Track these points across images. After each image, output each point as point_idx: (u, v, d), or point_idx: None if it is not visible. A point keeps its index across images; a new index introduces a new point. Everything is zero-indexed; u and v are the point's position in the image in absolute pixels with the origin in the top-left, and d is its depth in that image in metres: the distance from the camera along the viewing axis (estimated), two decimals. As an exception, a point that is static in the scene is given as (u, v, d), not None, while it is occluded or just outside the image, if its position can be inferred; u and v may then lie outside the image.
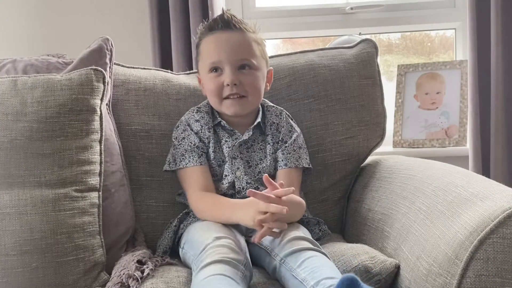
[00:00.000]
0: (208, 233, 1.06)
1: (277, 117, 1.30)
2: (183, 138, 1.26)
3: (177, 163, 1.25)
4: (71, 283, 1.08)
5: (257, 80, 1.23)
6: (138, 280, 1.00)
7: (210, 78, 1.23)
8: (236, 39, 1.22)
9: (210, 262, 0.95)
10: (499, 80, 1.83)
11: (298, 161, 1.27)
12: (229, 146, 1.25)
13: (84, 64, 1.28)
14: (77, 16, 2.04)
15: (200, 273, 0.94)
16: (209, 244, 1.00)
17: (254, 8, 2.13)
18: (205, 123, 1.27)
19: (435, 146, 1.97)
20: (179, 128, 1.28)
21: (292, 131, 1.29)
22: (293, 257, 0.99)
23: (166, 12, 1.90)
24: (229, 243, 1.01)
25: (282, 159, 1.26)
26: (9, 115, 1.10)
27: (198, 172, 1.23)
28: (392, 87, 2.08)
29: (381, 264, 1.02)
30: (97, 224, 1.14)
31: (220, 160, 1.26)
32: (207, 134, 1.26)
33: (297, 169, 1.27)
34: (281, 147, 1.27)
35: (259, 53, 1.24)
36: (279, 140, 1.28)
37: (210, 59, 1.22)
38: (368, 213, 1.26)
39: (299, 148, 1.29)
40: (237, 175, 1.23)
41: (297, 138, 1.29)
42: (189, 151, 1.24)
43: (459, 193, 0.98)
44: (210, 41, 1.23)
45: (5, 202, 1.07)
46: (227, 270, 0.93)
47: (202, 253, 1.00)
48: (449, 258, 0.87)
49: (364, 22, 2.10)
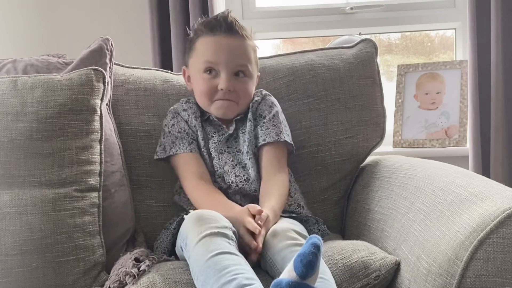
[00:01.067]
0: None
1: (258, 97, 1.31)
2: (173, 125, 1.27)
3: (166, 151, 1.25)
4: (71, 283, 1.08)
5: (249, 87, 1.26)
6: (135, 277, 1.01)
7: (203, 79, 1.23)
8: (236, 45, 1.23)
9: (204, 236, 0.95)
10: (499, 80, 1.83)
11: (278, 136, 1.25)
12: (215, 142, 1.25)
13: (84, 64, 1.28)
14: (77, 16, 2.04)
15: (197, 249, 0.94)
16: (189, 218, 1.02)
17: (254, 8, 2.13)
18: (192, 112, 1.28)
19: (435, 146, 1.97)
20: (168, 116, 1.30)
21: (272, 107, 1.29)
22: (281, 256, 0.98)
23: (166, 12, 1.90)
24: (209, 212, 1.03)
25: (261, 134, 1.25)
26: (9, 115, 1.10)
27: (190, 159, 1.23)
28: (392, 87, 2.09)
29: (380, 260, 1.02)
30: (97, 224, 1.14)
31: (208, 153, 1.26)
32: (194, 122, 1.27)
33: (279, 145, 1.26)
34: (259, 123, 1.27)
35: (254, 60, 1.27)
36: (257, 116, 1.28)
37: (207, 60, 1.22)
38: (368, 213, 1.26)
39: (279, 123, 1.27)
40: (225, 170, 1.23)
41: (277, 114, 1.29)
42: (179, 138, 1.25)
43: (459, 193, 0.98)
44: (210, 41, 1.23)
45: (5, 202, 1.07)
46: (224, 244, 0.94)
47: (185, 229, 1.01)
48: (449, 258, 0.87)
49: (364, 22, 2.10)
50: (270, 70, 1.42)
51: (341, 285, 0.99)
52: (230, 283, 0.87)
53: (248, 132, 1.26)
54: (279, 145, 1.26)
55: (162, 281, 0.99)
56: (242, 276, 0.88)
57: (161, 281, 0.99)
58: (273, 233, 1.03)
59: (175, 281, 0.99)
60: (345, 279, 0.99)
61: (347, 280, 0.99)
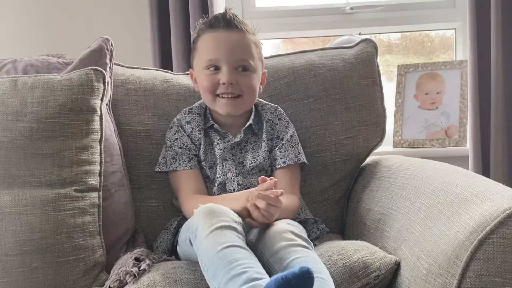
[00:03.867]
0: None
1: (272, 114, 1.30)
2: (176, 139, 1.26)
3: (167, 165, 1.25)
4: (71, 283, 1.08)
5: (253, 81, 1.23)
6: (135, 276, 1.01)
7: (206, 75, 1.22)
8: (236, 39, 1.21)
9: (215, 228, 0.95)
10: (499, 80, 1.83)
11: (297, 157, 1.26)
12: (220, 148, 1.24)
13: (84, 64, 1.28)
14: (77, 16, 2.04)
15: (208, 241, 0.93)
16: (199, 211, 1.01)
17: (254, 8, 2.13)
18: (196, 125, 1.26)
19: (435, 146, 1.97)
20: (172, 129, 1.28)
21: (288, 127, 1.29)
22: (278, 257, 0.97)
23: (166, 12, 1.90)
24: (218, 206, 1.02)
25: (280, 157, 1.25)
26: (9, 115, 1.10)
27: (188, 176, 1.23)
28: (392, 87, 2.09)
29: (380, 260, 1.02)
30: (97, 224, 1.14)
31: (211, 162, 1.25)
32: (198, 136, 1.26)
33: (296, 166, 1.27)
34: (277, 144, 1.27)
35: (257, 55, 1.25)
36: (274, 137, 1.28)
37: (208, 56, 1.21)
38: (368, 213, 1.26)
39: (297, 144, 1.29)
40: (228, 177, 1.23)
41: (294, 134, 1.29)
42: (180, 154, 1.24)
43: (459, 193, 0.98)
44: (209, 38, 1.23)
45: (5, 202, 1.07)
46: (234, 238, 0.94)
47: (195, 221, 1.00)
48: (449, 258, 0.87)
49: (364, 22, 2.10)
50: (270, 70, 1.42)
51: (341, 285, 0.99)
52: (241, 275, 0.87)
53: (264, 152, 1.26)
54: (296, 166, 1.27)
55: (162, 280, 0.99)
56: (253, 270, 0.88)
57: (161, 280, 0.99)
58: (270, 235, 1.03)
59: (175, 280, 0.99)
60: (345, 279, 0.99)
61: (347, 280, 0.99)
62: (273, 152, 1.27)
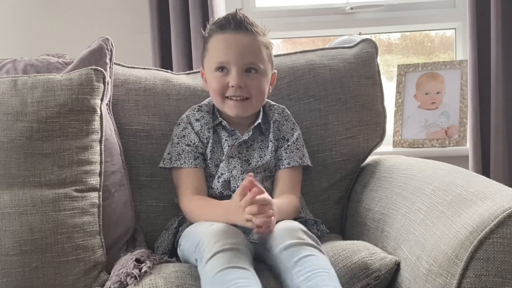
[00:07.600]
0: (203, 225, 1.09)
1: (279, 115, 1.30)
2: (183, 136, 1.26)
3: (172, 161, 1.25)
4: (71, 283, 1.08)
5: (262, 84, 1.23)
6: (137, 278, 1.00)
7: (215, 77, 1.22)
8: (246, 42, 1.21)
9: (216, 252, 0.95)
10: (499, 80, 1.83)
11: (301, 159, 1.27)
12: (229, 145, 1.25)
13: (84, 64, 1.28)
14: (77, 16, 2.04)
15: (208, 265, 0.94)
16: (205, 233, 1.01)
17: (254, 8, 2.13)
18: (205, 123, 1.27)
19: (435, 146, 1.97)
20: (180, 126, 1.28)
21: (294, 129, 1.30)
22: (288, 253, 0.98)
23: (166, 12, 1.90)
24: (226, 227, 1.02)
25: (285, 157, 1.26)
26: (9, 115, 1.10)
27: (191, 174, 1.23)
28: (392, 87, 2.09)
29: (380, 260, 1.02)
30: (97, 224, 1.14)
31: (217, 160, 1.25)
32: (207, 134, 1.26)
33: (299, 167, 1.28)
34: (283, 145, 1.27)
35: (266, 57, 1.24)
36: (279, 138, 1.28)
37: (217, 58, 1.21)
38: (368, 213, 1.26)
39: (302, 146, 1.29)
40: (233, 174, 1.23)
41: (299, 137, 1.30)
42: (186, 151, 1.24)
43: (459, 193, 0.98)
44: (219, 40, 1.22)
45: (5, 202, 1.07)
46: (235, 259, 0.94)
47: (201, 243, 1.00)
48: (449, 258, 0.87)
49: (364, 22, 2.10)
50: (270, 70, 1.42)
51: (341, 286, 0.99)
52: None
53: (270, 152, 1.26)
54: (299, 167, 1.28)
55: (164, 284, 0.98)
56: None
57: (163, 284, 0.98)
58: (282, 230, 1.03)
59: (177, 285, 0.98)
60: (345, 280, 1.00)
61: (347, 281, 1.00)
62: (278, 152, 1.27)
